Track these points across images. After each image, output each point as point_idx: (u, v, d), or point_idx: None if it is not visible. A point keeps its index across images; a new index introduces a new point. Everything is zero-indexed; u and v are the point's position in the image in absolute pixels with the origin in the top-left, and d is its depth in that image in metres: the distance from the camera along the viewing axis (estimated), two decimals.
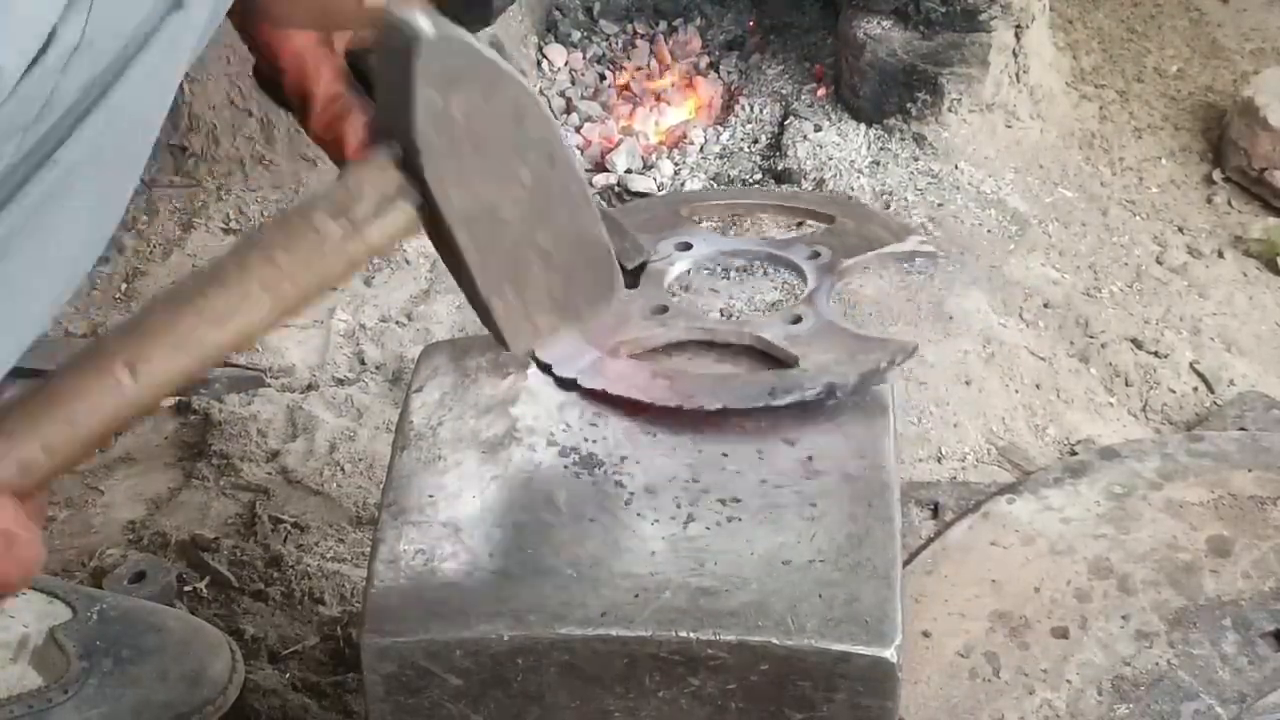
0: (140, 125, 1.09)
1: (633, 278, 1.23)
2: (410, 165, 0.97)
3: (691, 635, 1.00)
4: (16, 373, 1.00)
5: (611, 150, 2.20)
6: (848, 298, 1.96)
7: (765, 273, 1.99)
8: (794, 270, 1.29)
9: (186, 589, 1.61)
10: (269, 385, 1.86)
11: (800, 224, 1.95)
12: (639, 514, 1.07)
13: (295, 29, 1.19)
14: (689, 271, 1.29)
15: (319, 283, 0.97)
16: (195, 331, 0.93)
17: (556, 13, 2.44)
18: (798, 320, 1.20)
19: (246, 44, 1.23)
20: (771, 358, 1.19)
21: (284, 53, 1.19)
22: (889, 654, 0.99)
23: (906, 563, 1.53)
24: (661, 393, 1.15)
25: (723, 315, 1.27)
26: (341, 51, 1.20)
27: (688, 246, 1.31)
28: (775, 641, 0.99)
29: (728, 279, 1.95)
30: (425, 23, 0.96)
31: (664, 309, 1.22)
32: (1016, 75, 2.20)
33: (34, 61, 0.95)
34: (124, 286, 2.01)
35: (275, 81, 1.21)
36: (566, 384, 1.18)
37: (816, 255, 1.28)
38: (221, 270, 0.95)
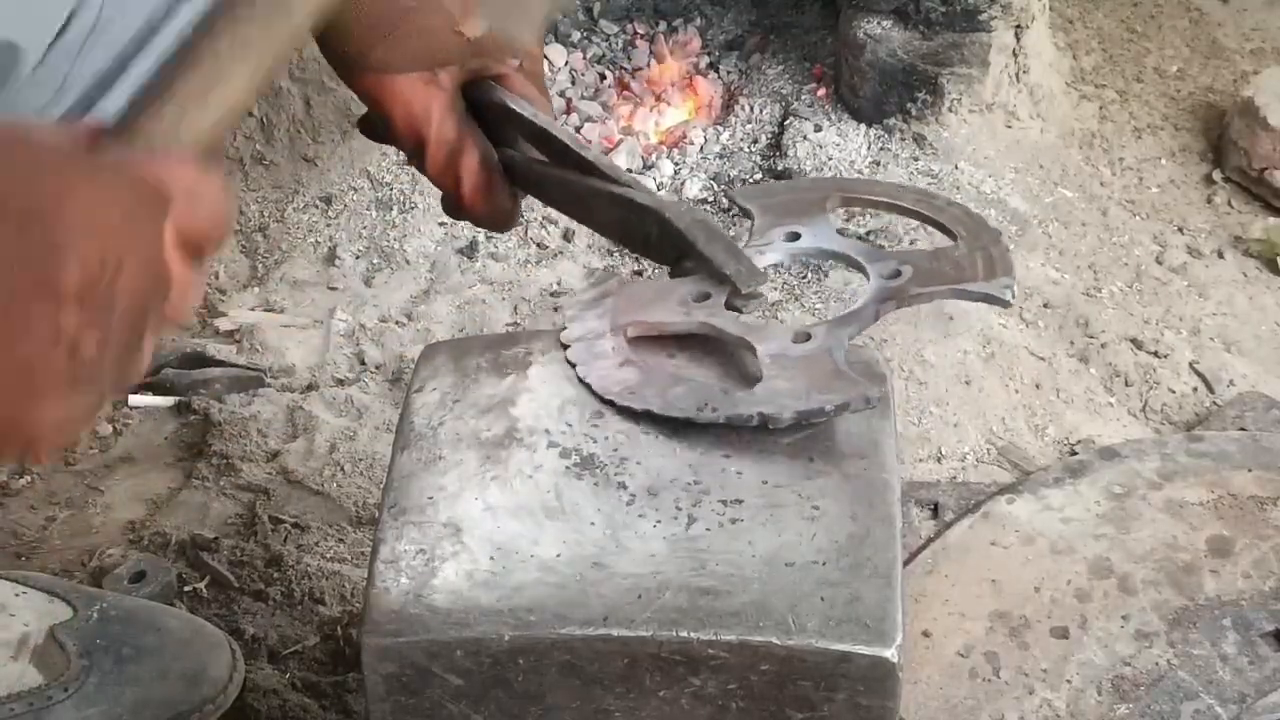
0: None
1: (746, 301, 1.19)
2: None
3: (692, 635, 1.00)
4: None
5: (611, 150, 2.20)
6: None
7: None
8: (850, 269, 1.25)
9: (186, 589, 1.61)
10: (269, 385, 1.87)
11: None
12: (640, 515, 1.07)
13: (399, 73, 1.18)
14: (781, 264, 1.24)
15: (288, 36, 0.95)
16: (183, 112, 0.91)
17: (556, 13, 2.44)
18: (806, 339, 1.16)
19: (355, 94, 1.22)
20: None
21: (392, 99, 1.19)
22: (890, 654, 0.99)
23: (906, 563, 1.53)
24: (611, 383, 1.14)
25: (765, 315, 1.24)
26: (450, 87, 1.19)
27: (796, 237, 1.27)
28: (776, 641, 0.99)
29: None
30: None
31: (706, 296, 1.18)
32: (1016, 75, 2.20)
33: (51, 44, 0.95)
34: None
35: (387, 129, 1.20)
36: (565, 347, 1.18)
37: (896, 275, 1.22)
38: (195, 47, 0.93)
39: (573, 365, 1.17)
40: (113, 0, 0.99)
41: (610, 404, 1.14)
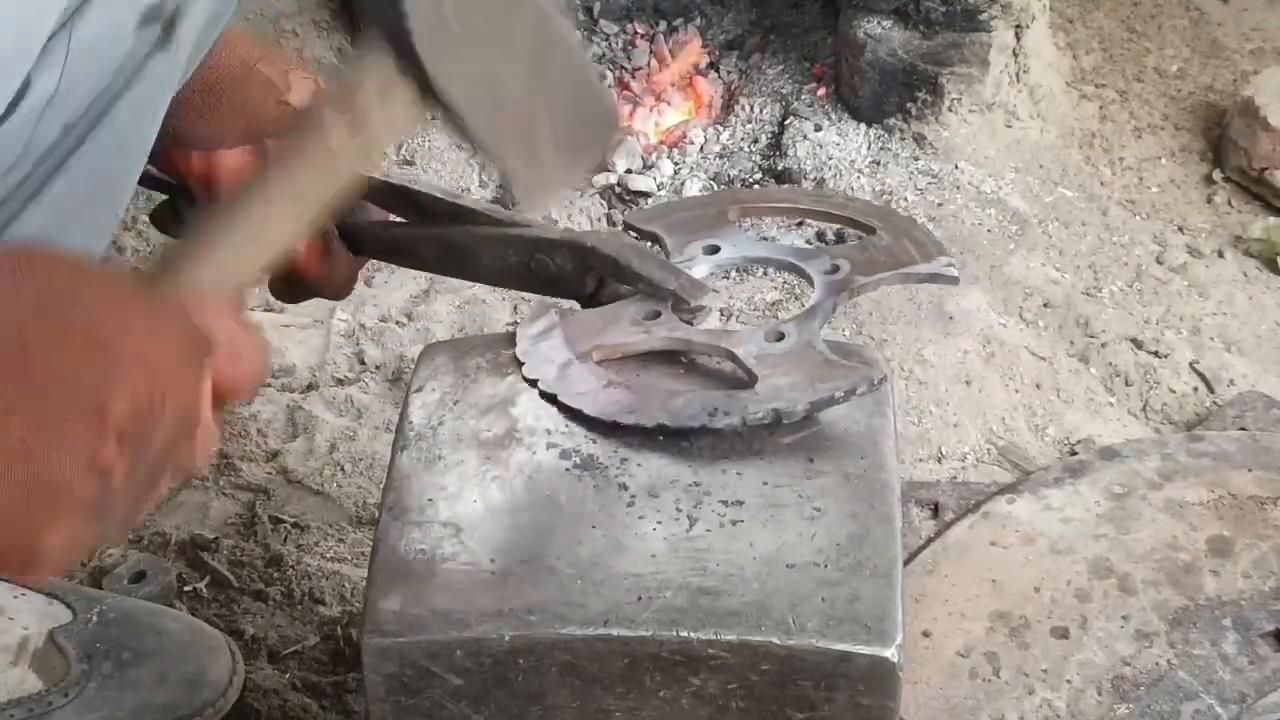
0: (126, 159, 1.09)
1: (692, 314, 1.19)
2: (404, 51, 0.97)
3: (693, 635, 1.00)
4: None
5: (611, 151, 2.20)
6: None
7: (766, 274, 1.99)
8: (808, 281, 1.25)
9: (186, 589, 1.61)
10: (269, 385, 1.86)
11: (840, 230, 1.96)
12: (640, 515, 1.07)
13: (227, 148, 1.18)
14: (709, 276, 1.25)
15: (332, 183, 0.98)
16: (226, 257, 0.94)
17: None
18: (780, 338, 1.17)
19: (173, 178, 1.22)
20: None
21: (220, 175, 1.19)
22: (890, 654, 0.99)
23: (906, 563, 1.53)
24: (608, 405, 1.13)
25: (722, 316, 1.25)
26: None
27: (715, 249, 1.28)
28: (776, 641, 0.99)
29: (727, 279, 1.95)
30: None
31: (656, 314, 1.19)
32: (1016, 75, 2.20)
33: (8, 111, 0.95)
34: None
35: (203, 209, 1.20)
36: (531, 383, 1.17)
37: (835, 270, 1.24)
38: (244, 193, 0.96)
39: (552, 399, 1.16)
40: (71, 68, 0.98)
41: (615, 425, 1.13)
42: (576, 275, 1.22)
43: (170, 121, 1.11)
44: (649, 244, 1.28)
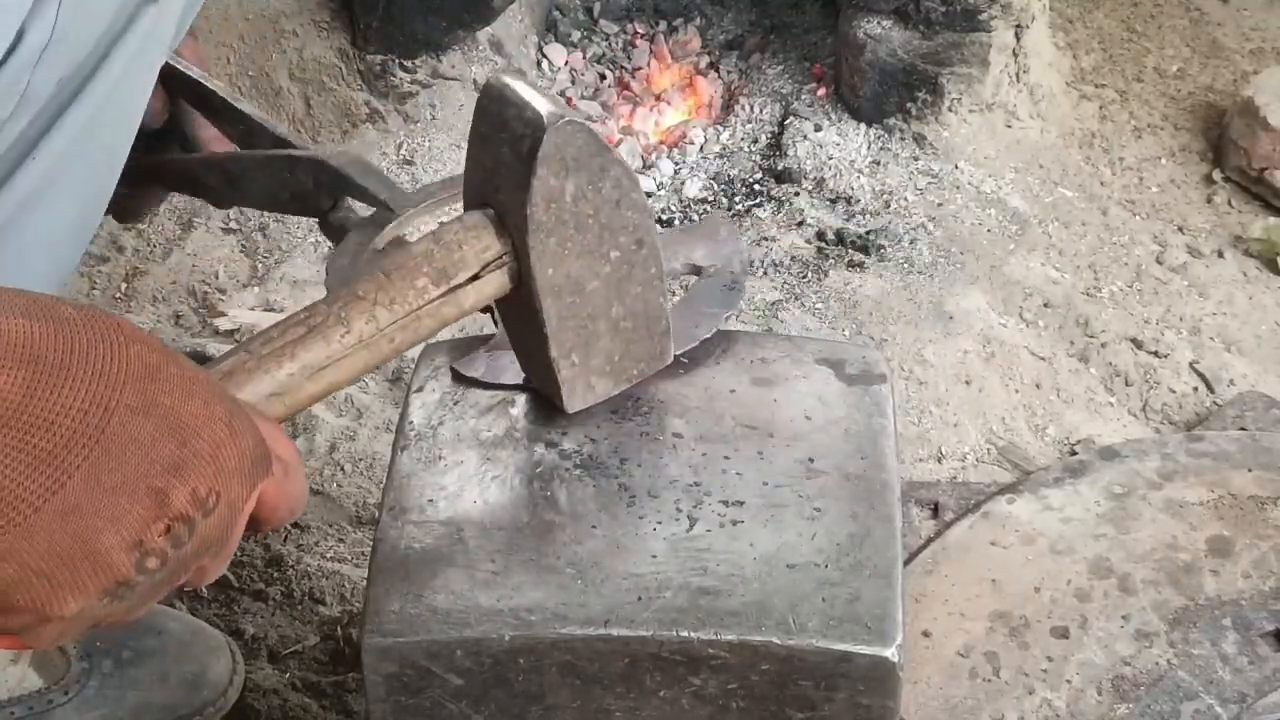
0: (121, 115, 1.09)
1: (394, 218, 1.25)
2: (514, 231, 1.02)
3: (693, 635, 1.00)
4: None
5: None
6: (847, 298, 1.96)
7: (765, 274, 1.99)
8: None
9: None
10: None
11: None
12: (640, 516, 1.07)
13: None
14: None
15: (412, 340, 1.01)
16: (293, 381, 0.96)
17: (556, 13, 2.44)
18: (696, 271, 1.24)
19: None
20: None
21: None
22: (890, 653, 0.99)
23: (906, 563, 1.53)
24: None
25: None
26: None
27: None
28: (776, 641, 0.99)
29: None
30: (547, 105, 1.00)
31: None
32: (1016, 75, 2.20)
33: (4, 60, 0.95)
34: (124, 286, 2.01)
35: None
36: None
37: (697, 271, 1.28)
38: (324, 322, 0.98)
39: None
40: (65, 15, 0.98)
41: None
42: (314, 193, 1.26)
43: None
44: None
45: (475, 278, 1.02)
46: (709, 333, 1.17)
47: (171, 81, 1.29)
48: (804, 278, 1.99)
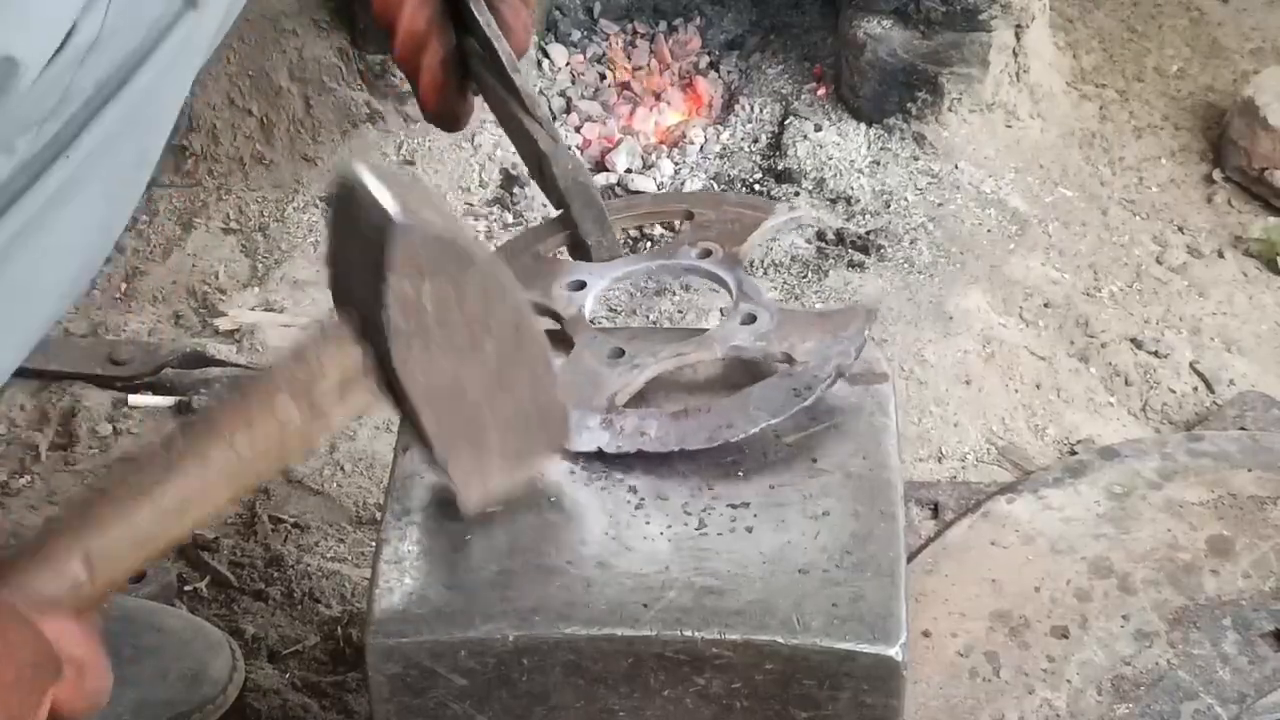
0: (154, 120, 1.09)
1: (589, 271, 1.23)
2: (373, 338, 0.96)
3: (697, 635, 1.00)
4: (19, 372, 1.00)
5: (611, 150, 2.20)
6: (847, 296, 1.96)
7: (766, 274, 1.99)
8: (703, 276, 1.24)
9: (186, 589, 1.61)
10: None
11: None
12: (645, 517, 1.07)
13: None
14: (589, 309, 1.21)
15: (278, 466, 0.96)
16: (155, 525, 0.92)
17: (556, 13, 2.44)
18: (752, 319, 1.16)
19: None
20: (751, 366, 1.16)
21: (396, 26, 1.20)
22: (894, 652, 0.99)
23: (906, 562, 1.53)
24: (692, 434, 1.11)
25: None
26: None
27: (581, 285, 1.23)
28: (780, 640, 0.99)
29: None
30: (395, 203, 0.92)
31: (620, 351, 1.17)
32: (1016, 75, 2.20)
33: (52, 57, 0.95)
34: (124, 286, 2.01)
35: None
36: (592, 457, 1.13)
37: (708, 254, 1.23)
38: (181, 457, 0.93)
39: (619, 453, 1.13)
40: (114, 14, 0.99)
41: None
42: (549, 186, 1.26)
43: None
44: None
45: (344, 397, 0.96)
46: (736, 436, 1.10)
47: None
48: (804, 278, 1.99)
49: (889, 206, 2.09)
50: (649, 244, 1.98)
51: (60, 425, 1.81)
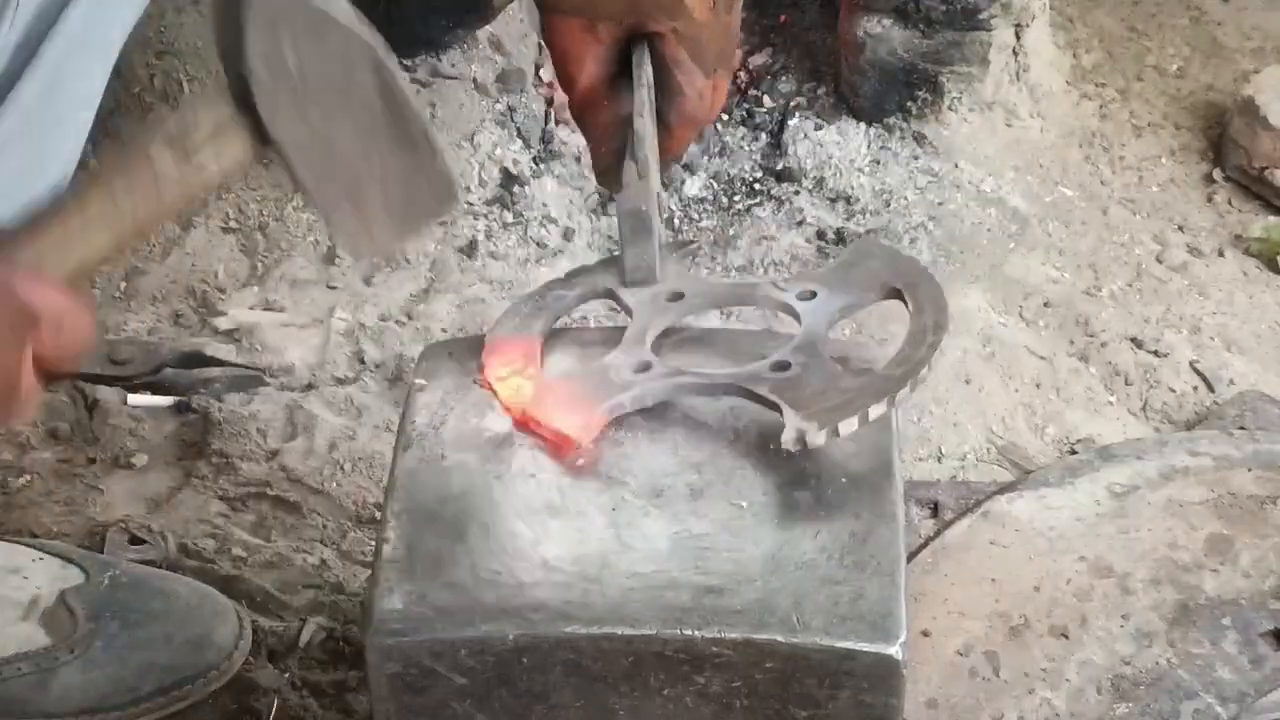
0: (86, 68, 1.12)
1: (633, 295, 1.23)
2: (243, 96, 1.02)
3: (697, 633, 1.00)
4: None
5: None
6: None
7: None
8: (789, 313, 1.23)
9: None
10: (268, 384, 1.86)
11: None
12: (644, 514, 1.07)
13: (563, 15, 1.23)
14: (674, 324, 1.22)
15: (157, 214, 1.02)
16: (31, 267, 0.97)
17: None
18: (784, 367, 1.14)
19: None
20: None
21: (554, 38, 1.24)
22: (894, 651, 1.00)
23: (906, 562, 1.53)
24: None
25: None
26: (607, 39, 1.23)
27: (679, 296, 1.23)
28: (780, 639, 1.00)
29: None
30: None
31: (647, 366, 1.17)
32: (1016, 74, 2.20)
33: None
34: (123, 285, 2.01)
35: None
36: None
37: (812, 295, 1.22)
38: (62, 206, 1.00)
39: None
40: None
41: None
42: None
43: None
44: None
45: (216, 143, 1.02)
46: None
47: None
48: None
49: (889, 206, 2.09)
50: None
51: (60, 424, 1.81)
